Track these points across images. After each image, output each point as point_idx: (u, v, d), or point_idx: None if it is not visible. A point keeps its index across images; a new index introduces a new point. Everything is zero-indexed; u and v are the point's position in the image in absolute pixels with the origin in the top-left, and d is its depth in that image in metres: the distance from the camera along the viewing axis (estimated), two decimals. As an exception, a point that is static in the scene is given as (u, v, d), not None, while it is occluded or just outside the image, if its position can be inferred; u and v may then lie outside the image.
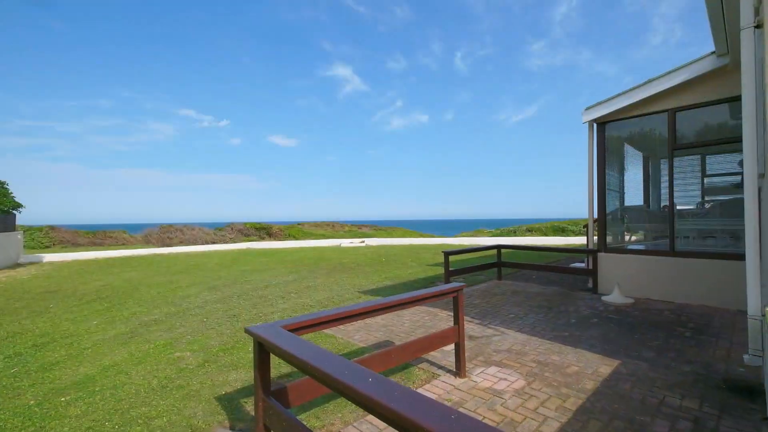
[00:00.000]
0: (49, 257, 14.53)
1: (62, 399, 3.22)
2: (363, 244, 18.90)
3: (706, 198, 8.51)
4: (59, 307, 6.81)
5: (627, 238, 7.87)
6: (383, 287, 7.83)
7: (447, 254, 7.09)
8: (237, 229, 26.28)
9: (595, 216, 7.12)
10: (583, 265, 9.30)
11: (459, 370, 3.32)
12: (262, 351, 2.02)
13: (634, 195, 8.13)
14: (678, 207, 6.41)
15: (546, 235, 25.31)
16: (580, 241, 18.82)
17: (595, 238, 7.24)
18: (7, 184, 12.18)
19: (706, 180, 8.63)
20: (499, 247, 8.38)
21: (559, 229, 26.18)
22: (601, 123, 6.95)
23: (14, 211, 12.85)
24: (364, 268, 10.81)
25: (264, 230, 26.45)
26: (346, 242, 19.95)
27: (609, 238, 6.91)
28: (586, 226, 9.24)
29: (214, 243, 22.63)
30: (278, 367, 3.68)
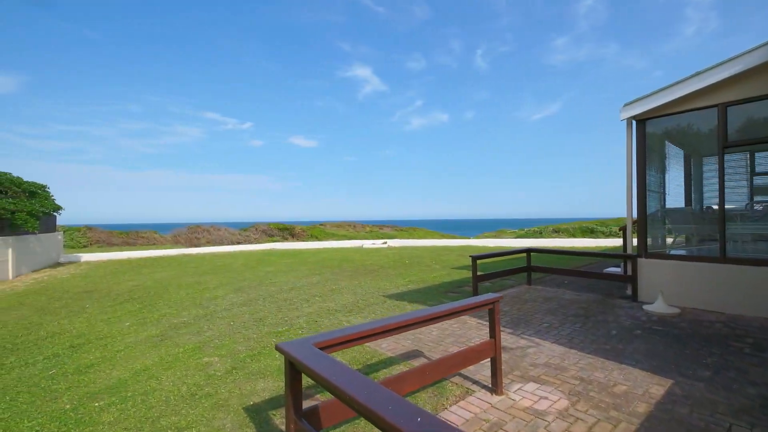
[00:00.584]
0: (86, 257, 15.21)
1: (96, 404, 3.25)
2: (385, 246, 18.80)
3: (756, 198, 7.87)
4: (95, 307, 7.04)
5: (669, 242, 7.38)
6: (408, 291, 7.67)
7: (475, 259, 6.85)
8: (261, 229, 26.76)
9: (634, 218, 6.70)
10: (618, 270, 8.82)
11: (495, 387, 3.13)
12: (294, 370, 1.92)
13: (674, 196, 7.63)
14: (727, 208, 5.92)
15: (574, 236, 24.40)
16: (610, 243, 18.02)
17: (634, 241, 6.83)
18: (48, 188, 12.80)
19: (755, 179, 8.00)
20: (529, 251, 8.06)
21: (588, 230, 25.21)
22: (641, 120, 6.53)
23: (54, 213, 13.49)
24: (388, 270, 10.68)
25: (287, 231, 26.81)
26: (368, 243, 19.91)
27: (648, 242, 6.49)
28: (621, 228, 8.76)
29: (239, 243, 23.12)
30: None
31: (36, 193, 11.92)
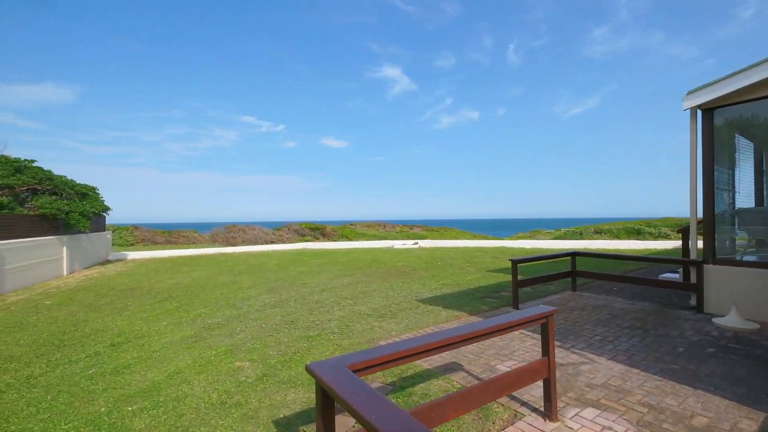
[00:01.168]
0: (132, 255, 16.04)
1: (129, 408, 3.22)
2: (416, 246, 18.46)
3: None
4: (136, 305, 7.27)
5: (740, 246, 6.56)
6: (442, 295, 7.33)
7: (515, 263, 6.40)
8: (293, 229, 27.23)
9: (697, 218, 5.99)
10: (675, 276, 8.00)
11: (549, 412, 2.77)
12: (326, 397, 1.70)
13: (745, 194, 6.77)
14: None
15: (618, 237, 22.86)
16: (660, 245, 16.66)
17: (699, 244, 6.11)
18: (98, 190, 13.58)
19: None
20: (574, 254, 7.47)
21: (633, 231, 23.53)
22: (708, 109, 5.81)
23: (104, 214, 14.30)
24: (420, 272, 10.37)
25: (318, 230, 27.10)
26: (398, 243, 19.65)
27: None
28: (680, 229, 7.92)
29: (272, 243, 23.63)
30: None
31: (87, 194, 12.66)
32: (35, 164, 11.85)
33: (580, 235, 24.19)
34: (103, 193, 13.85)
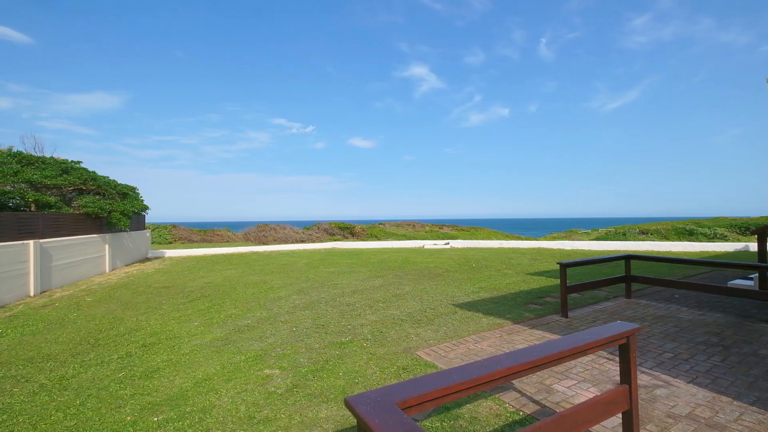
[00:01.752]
0: (169, 253, 16.57)
1: (155, 419, 3.04)
2: (448, 246, 17.90)
3: None
4: (170, 304, 7.31)
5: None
6: (480, 300, 6.85)
7: (565, 266, 5.83)
8: (323, 228, 27.34)
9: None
10: (749, 283, 7.07)
11: (631, 452, 2.29)
12: (371, 441, 1.35)
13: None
14: None
15: (667, 238, 21.16)
16: (718, 248, 15.15)
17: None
18: (137, 189, 14.08)
19: None
20: (629, 257, 6.75)
21: (685, 232, 21.71)
22: (799, 91, 4.99)
23: (143, 213, 14.83)
24: (454, 274, 9.89)
25: (347, 230, 27.05)
26: (429, 243, 19.16)
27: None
28: (757, 230, 6.96)
29: (302, 242, 23.80)
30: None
31: (127, 194, 13.13)
32: (81, 165, 12.41)
33: (623, 236, 22.60)
34: (149, 194, 14.38)
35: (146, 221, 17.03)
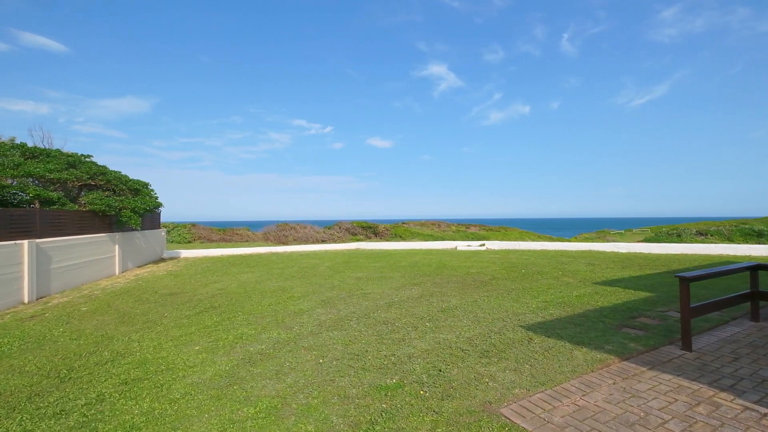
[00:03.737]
0: (185, 253, 15.70)
1: None
2: (483, 248, 16.28)
3: None
4: (172, 316, 6.15)
5: None
6: (554, 320, 5.34)
7: (687, 281, 4.24)
8: (345, 227, 26.19)
9: None
10: None
11: None
12: None
13: None
14: None
15: (732, 241, 18.80)
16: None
17: None
18: (150, 185, 13.22)
19: None
20: (757, 267, 5.09)
21: (753, 234, 19.25)
22: None
23: (156, 210, 13.97)
24: (504, 282, 8.37)
25: (370, 229, 25.79)
26: (462, 245, 17.59)
27: None
28: None
29: (324, 242, 22.68)
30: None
31: (140, 190, 12.25)
32: (91, 159, 11.59)
33: (678, 237, 20.31)
34: (176, 194, 13.73)
35: (167, 220, 16.29)
